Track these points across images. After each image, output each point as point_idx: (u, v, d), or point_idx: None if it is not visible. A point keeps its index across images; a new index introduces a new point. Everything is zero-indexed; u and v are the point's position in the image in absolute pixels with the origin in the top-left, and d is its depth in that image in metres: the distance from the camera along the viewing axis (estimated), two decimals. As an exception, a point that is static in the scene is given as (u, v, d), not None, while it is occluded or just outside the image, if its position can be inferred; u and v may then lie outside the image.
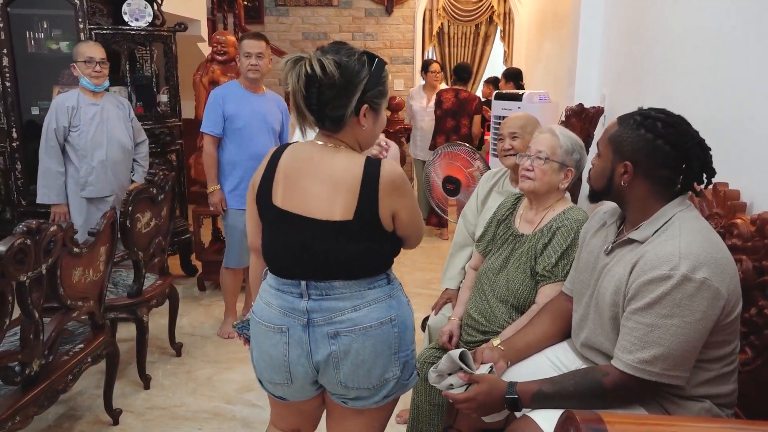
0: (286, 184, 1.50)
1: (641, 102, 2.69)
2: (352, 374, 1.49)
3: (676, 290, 1.30)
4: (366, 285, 1.49)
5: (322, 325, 1.47)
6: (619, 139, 1.47)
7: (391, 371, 1.52)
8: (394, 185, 1.45)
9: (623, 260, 1.47)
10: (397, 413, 2.66)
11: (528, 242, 1.98)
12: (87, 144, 3.29)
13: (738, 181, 1.76)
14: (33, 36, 3.88)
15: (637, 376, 1.35)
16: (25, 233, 1.88)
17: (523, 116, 2.45)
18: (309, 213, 1.46)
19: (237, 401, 2.79)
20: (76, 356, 2.31)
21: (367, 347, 1.47)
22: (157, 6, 4.06)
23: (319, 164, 1.48)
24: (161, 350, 3.28)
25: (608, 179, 1.51)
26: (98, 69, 3.25)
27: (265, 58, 3.23)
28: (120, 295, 2.85)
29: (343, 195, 1.44)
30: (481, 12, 7.89)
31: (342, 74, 1.40)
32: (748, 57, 1.78)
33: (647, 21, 2.70)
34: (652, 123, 1.44)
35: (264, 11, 7.55)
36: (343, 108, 1.43)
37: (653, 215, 1.45)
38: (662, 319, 1.31)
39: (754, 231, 1.59)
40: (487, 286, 2.03)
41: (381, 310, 1.49)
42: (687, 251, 1.32)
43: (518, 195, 2.19)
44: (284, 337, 1.50)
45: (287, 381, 1.55)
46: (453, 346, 2.09)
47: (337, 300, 1.48)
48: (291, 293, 1.50)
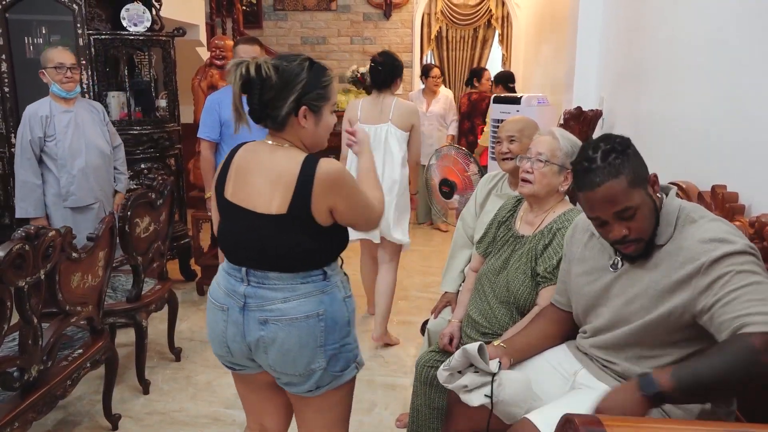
0: (236, 179, 1.64)
1: (639, 105, 2.71)
2: (279, 360, 1.60)
3: (748, 255, 1.31)
4: (299, 279, 1.59)
5: (255, 311, 1.59)
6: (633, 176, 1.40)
7: (316, 362, 1.60)
8: (328, 182, 1.54)
9: (655, 270, 1.45)
10: (397, 417, 2.66)
11: (528, 243, 1.99)
12: (65, 153, 3.19)
13: (736, 184, 1.76)
14: (32, 41, 3.88)
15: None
16: (23, 238, 1.88)
17: (521, 119, 2.44)
18: (251, 206, 1.59)
19: (236, 406, 2.78)
20: (75, 361, 2.31)
21: (292, 337, 1.57)
22: (155, 11, 4.07)
23: (264, 161, 1.60)
24: (160, 355, 3.27)
25: (655, 210, 1.45)
26: (69, 75, 3.13)
27: None
28: (119, 300, 2.85)
29: (280, 190, 1.55)
30: (480, 15, 7.89)
31: (279, 77, 1.53)
32: (746, 60, 1.78)
33: (645, 24, 2.71)
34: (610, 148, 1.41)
35: (263, 16, 7.57)
36: (280, 108, 1.55)
37: (661, 215, 1.46)
38: (757, 276, 1.28)
39: (753, 233, 1.59)
40: (488, 287, 2.03)
41: (310, 304, 1.59)
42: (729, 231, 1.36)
43: (519, 197, 2.19)
44: (224, 315, 1.64)
45: (228, 354, 1.68)
46: (454, 348, 2.09)
47: (270, 290, 1.59)
48: (235, 277, 1.63)
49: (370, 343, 3.36)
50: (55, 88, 3.16)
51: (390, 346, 3.36)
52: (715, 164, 1.94)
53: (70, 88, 3.18)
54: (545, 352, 1.74)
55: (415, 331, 3.44)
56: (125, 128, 3.93)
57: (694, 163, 2.08)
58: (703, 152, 2.03)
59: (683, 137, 2.20)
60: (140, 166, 4.05)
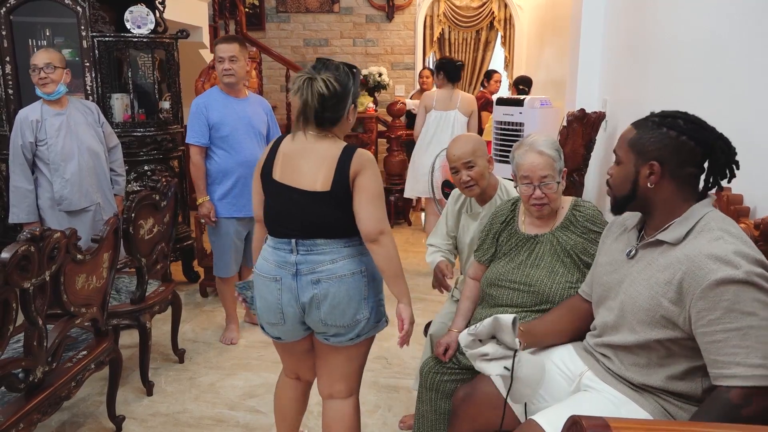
0: (284, 162, 1.89)
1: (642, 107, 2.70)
2: (330, 313, 1.86)
3: (748, 286, 1.26)
4: (342, 243, 1.87)
5: (307, 275, 1.86)
6: (641, 141, 1.47)
7: (361, 313, 1.90)
8: (362, 159, 1.84)
9: (655, 263, 1.46)
10: (400, 419, 2.66)
11: (547, 241, 1.97)
12: (57, 157, 3.12)
13: (741, 186, 1.76)
14: (35, 44, 3.88)
15: (756, 385, 1.25)
16: (29, 240, 1.88)
17: (466, 140, 2.33)
18: (298, 185, 1.86)
19: (240, 407, 2.78)
20: (79, 363, 2.31)
21: (342, 291, 1.86)
22: (159, 13, 4.08)
23: (310, 148, 1.87)
24: (164, 357, 3.27)
25: (633, 183, 1.49)
26: (42, 76, 3.00)
27: (240, 61, 3.15)
28: (123, 302, 2.86)
29: (324, 170, 1.83)
30: (482, 18, 7.90)
31: (341, 87, 1.83)
32: (748, 62, 1.79)
33: (648, 27, 2.71)
34: (672, 121, 1.44)
35: (265, 18, 7.58)
36: (341, 111, 1.87)
37: (682, 215, 1.44)
38: (750, 318, 1.25)
39: (758, 235, 1.59)
40: (502, 292, 1.99)
41: (354, 263, 1.88)
42: (740, 249, 1.31)
43: (511, 201, 2.16)
44: (278, 284, 1.89)
45: (281, 321, 1.93)
46: (447, 359, 2.08)
47: (319, 254, 1.86)
48: (283, 249, 1.88)
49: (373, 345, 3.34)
50: (37, 91, 3.08)
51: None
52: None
53: (48, 90, 3.06)
54: (550, 353, 1.74)
55: (418, 333, 3.44)
56: (128, 130, 3.94)
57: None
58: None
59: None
60: (143, 167, 4.06)
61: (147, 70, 4.23)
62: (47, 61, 3.02)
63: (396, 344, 2.00)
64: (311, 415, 2.68)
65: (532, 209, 1.98)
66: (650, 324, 1.44)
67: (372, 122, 6.11)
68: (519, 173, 1.98)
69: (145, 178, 4.01)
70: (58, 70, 3.06)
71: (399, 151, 6.19)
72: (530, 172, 1.93)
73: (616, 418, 1.20)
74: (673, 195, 1.45)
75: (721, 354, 1.29)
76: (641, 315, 1.45)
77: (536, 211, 1.97)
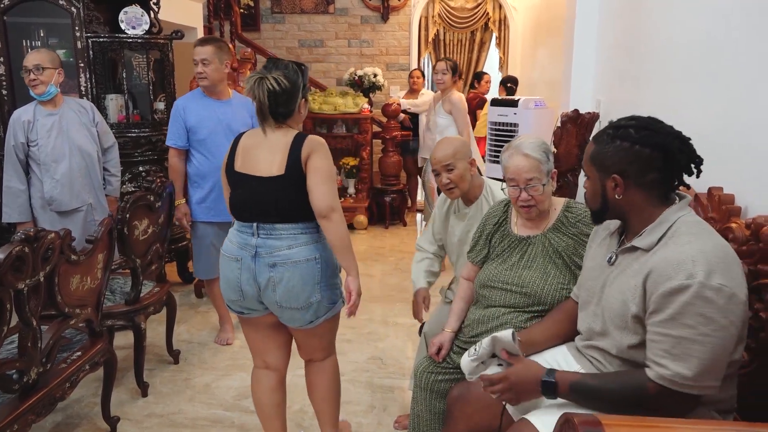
0: (243, 155, 2.08)
1: (636, 108, 2.72)
2: (285, 295, 2.03)
3: (696, 299, 1.29)
4: (299, 230, 2.04)
5: (265, 257, 2.02)
6: (600, 157, 1.50)
7: (314, 296, 2.05)
8: (312, 142, 2.02)
9: (629, 269, 1.47)
10: (395, 419, 2.66)
11: (539, 242, 1.98)
12: (47, 158, 3.12)
13: (733, 186, 1.78)
14: (30, 44, 3.88)
15: (671, 388, 1.32)
16: (23, 241, 1.88)
17: (448, 143, 2.34)
18: (257, 172, 2.04)
19: (235, 408, 2.79)
20: (73, 364, 2.31)
21: (296, 276, 2.02)
22: (153, 14, 4.08)
23: (266, 140, 2.06)
24: (159, 357, 3.27)
25: (602, 197, 1.52)
26: (32, 77, 3.02)
27: (213, 63, 3.08)
28: (117, 303, 2.85)
29: (279, 156, 2.02)
30: (477, 19, 7.92)
31: (290, 84, 2.01)
32: (742, 63, 1.80)
33: (642, 27, 2.73)
34: (624, 132, 1.46)
35: (260, 18, 7.58)
36: (293, 105, 2.06)
37: (655, 221, 1.46)
38: (688, 330, 1.30)
39: (749, 235, 1.60)
40: (494, 293, 1.99)
41: (309, 250, 2.04)
42: (699, 257, 1.31)
43: (504, 202, 2.16)
44: (238, 264, 2.06)
45: (240, 297, 2.09)
46: (441, 359, 2.09)
47: (277, 239, 2.02)
48: (246, 233, 2.06)
49: (368, 346, 3.37)
50: (30, 91, 3.10)
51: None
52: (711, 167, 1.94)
53: (39, 92, 3.07)
54: (545, 353, 1.75)
55: (413, 333, 3.46)
56: (123, 131, 3.94)
57: (691, 165, 2.09)
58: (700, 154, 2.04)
59: (680, 139, 2.21)
60: (138, 168, 4.05)
61: (141, 71, 4.23)
62: (36, 62, 3.02)
63: (391, 345, 2.02)
64: (306, 416, 2.69)
65: (521, 211, 1.99)
66: (625, 329, 1.46)
67: (367, 123, 6.12)
68: (506, 175, 1.99)
69: (139, 179, 4.01)
70: (47, 71, 3.06)
71: (394, 152, 6.20)
72: (516, 174, 1.94)
73: (608, 415, 1.21)
74: (643, 202, 1.47)
75: (653, 350, 1.36)
76: (617, 320, 1.48)
77: (524, 213, 1.98)
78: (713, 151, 1.94)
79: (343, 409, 2.74)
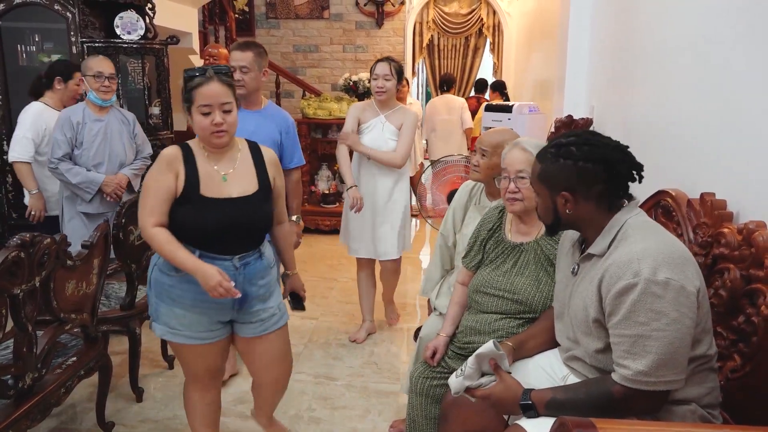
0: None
1: (629, 113, 2.74)
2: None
3: (645, 295, 1.33)
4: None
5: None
6: (547, 176, 1.54)
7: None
8: None
9: (587, 276, 1.51)
10: (390, 423, 2.67)
11: (531, 249, 1.99)
12: (88, 161, 3.24)
13: (724, 191, 1.79)
14: (24, 49, 3.89)
15: (635, 387, 1.36)
16: (19, 246, 1.88)
17: (501, 134, 2.36)
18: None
19: (230, 413, 2.78)
20: (69, 369, 2.30)
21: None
22: (149, 19, 4.09)
23: None
24: (154, 363, 3.26)
25: (554, 212, 1.56)
26: (107, 84, 3.22)
27: (252, 71, 2.74)
28: (112, 308, 2.85)
29: None
30: (471, 24, 7.96)
31: None
32: (735, 67, 1.82)
33: (634, 32, 2.75)
34: (566, 150, 1.50)
35: (255, 24, 7.60)
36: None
37: (605, 227, 1.50)
38: (641, 327, 1.33)
39: (741, 240, 1.61)
40: (488, 299, 1.99)
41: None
42: (644, 255, 1.36)
43: (499, 207, 2.16)
44: None
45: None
46: (435, 363, 2.10)
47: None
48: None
49: (363, 351, 3.38)
50: (92, 95, 3.23)
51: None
52: (704, 172, 1.97)
53: (107, 98, 3.26)
54: (536, 357, 1.76)
55: (408, 338, 3.46)
56: (118, 136, 3.93)
57: (683, 171, 2.11)
58: (692, 160, 2.07)
59: (673, 145, 2.23)
60: (133, 173, 4.05)
61: (137, 76, 4.24)
62: (112, 70, 3.26)
63: (386, 350, 2.01)
64: (301, 420, 2.69)
65: (507, 204, 2.01)
66: (590, 335, 1.49)
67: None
68: (501, 168, 2.03)
69: (135, 184, 4.01)
70: (114, 80, 3.30)
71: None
72: (509, 165, 1.98)
73: (602, 419, 1.22)
74: (593, 212, 1.51)
75: (616, 352, 1.39)
76: (582, 327, 1.51)
77: (509, 205, 1.99)
78: (706, 156, 1.97)
79: (338, 414, 2.75)
